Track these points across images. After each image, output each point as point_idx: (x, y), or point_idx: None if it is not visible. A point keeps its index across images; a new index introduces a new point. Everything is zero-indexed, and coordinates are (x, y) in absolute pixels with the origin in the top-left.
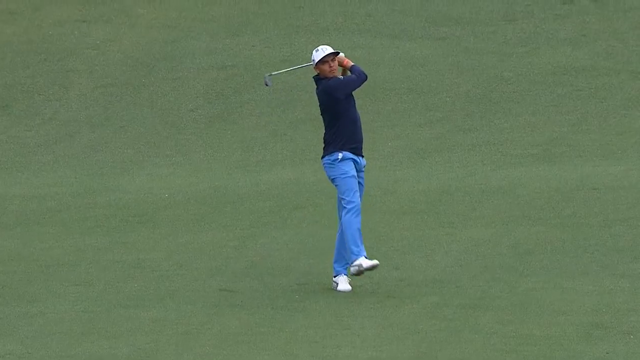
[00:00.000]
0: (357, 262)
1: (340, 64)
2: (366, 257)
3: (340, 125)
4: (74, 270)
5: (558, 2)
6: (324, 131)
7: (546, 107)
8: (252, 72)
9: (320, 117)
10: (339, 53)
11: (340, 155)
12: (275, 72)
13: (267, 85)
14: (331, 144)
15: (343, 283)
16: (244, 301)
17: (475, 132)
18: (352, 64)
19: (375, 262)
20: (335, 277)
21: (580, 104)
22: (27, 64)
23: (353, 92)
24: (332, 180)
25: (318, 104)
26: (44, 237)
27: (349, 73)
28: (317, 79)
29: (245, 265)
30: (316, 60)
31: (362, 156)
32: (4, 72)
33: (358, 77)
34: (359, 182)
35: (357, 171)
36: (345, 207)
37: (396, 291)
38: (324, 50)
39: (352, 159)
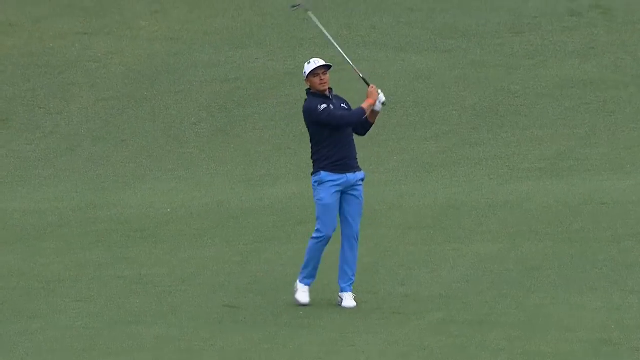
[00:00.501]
0: (298, 287)
1: (368, 96)
2: (309, 287)
3: (323, 145)
4: (75, 286)
5: (566, 14)
6: (310, 145)
7: (554, 120)
8: (255, 85)
9: None
10: (331, 67)
11: (319, 178)
12: (319, 26)
13: (295, 6)
14: (316, 162)
15: (348, 299)
16: (247, 317)
17: (482, 146)
18: (362, 106)
19: (306, 302)
20: (340, 292)
21: (589, 117)
22: (28, 76)
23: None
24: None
25: None
26: (44, 252)
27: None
28: (308, 92)
29: (248, 281)
30: (307, 73)
31: (357, 170)
32: (4, 85)
33: (342, 117)
34: (354, 197)
35: (348, 187)
36: (314, 232)
37: (402, 307)
38: (315, 62)
39: (333, 180)
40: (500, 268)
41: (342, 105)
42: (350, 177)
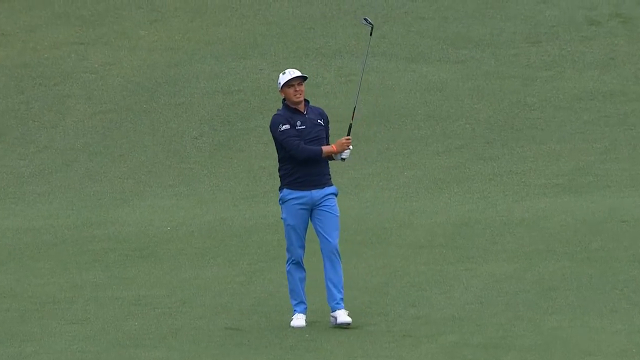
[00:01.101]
0: (293, 317)
1: (337, 144)
2: (303, 314)
3: (287, 161)
4: (71, 307)
5: (585, 23)
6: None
7: (572, 134)
8: (259, 97)
9: None
10: (306, 78)
11: (282, 196)
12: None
13: (369, 22)
14: (281, 178)
15: (342, 315)
16: (250, 340)
17: (497, 161)
18: (322, 148)
19: (301, 326)
20: (332, 312)
21: (609, 131)
22: (22, 88)
23: (318, 132)
24: None
25: None
26: (38, 272)
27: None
28: (283, 102)
29: (252, 302)
30: (281, 84)
31: (325, 186)
32: None
33: (296, 147)
34: (325, 211)
35: (315, 203)
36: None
37: (413, 329)
38: (290, 73)
39: (296, 198)
40: (515, 289)
41: (319, 121)
42: (316, 194)
